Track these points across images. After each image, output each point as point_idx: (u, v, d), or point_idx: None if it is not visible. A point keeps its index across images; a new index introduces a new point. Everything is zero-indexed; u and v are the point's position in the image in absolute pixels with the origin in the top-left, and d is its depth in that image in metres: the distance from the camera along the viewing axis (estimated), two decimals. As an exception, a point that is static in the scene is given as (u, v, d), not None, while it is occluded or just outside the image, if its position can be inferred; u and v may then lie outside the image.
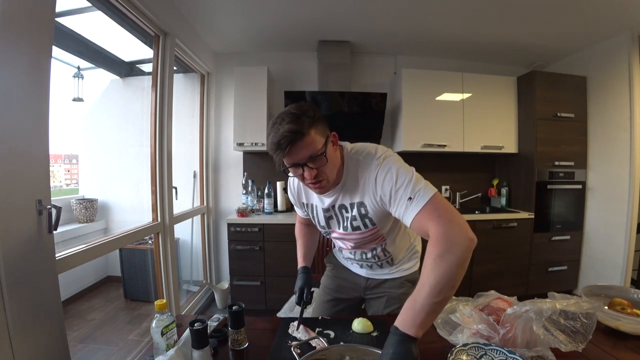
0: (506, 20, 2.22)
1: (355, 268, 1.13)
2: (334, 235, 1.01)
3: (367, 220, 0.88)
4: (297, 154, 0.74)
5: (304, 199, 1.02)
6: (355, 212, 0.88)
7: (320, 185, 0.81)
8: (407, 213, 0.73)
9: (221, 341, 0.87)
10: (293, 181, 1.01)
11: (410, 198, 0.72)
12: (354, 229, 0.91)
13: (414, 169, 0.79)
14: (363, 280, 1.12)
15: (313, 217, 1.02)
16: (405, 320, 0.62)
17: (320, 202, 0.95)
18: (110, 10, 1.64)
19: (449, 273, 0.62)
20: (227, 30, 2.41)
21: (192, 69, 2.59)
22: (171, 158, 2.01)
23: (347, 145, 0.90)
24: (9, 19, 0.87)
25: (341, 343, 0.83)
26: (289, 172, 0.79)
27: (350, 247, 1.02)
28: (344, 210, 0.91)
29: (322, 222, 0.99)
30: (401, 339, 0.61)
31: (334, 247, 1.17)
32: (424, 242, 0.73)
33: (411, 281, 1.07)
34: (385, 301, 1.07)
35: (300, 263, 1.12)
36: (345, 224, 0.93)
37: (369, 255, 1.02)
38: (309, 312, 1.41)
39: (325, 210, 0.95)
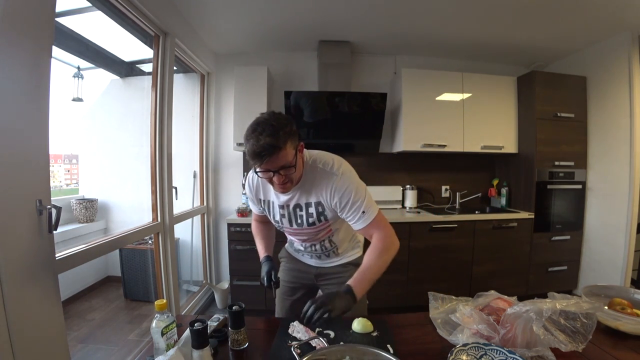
0: (506, 21, 2.22)
1: (306, 258, 1.22)
2: (286, 230, 1.11)
3: (322, 217, 1.02)
4: (272, 164, 0.84)
5: (261, 195, 1.10)
6: (312, 209, 1.01)
7: (285, 187, 0.92)
8: (359, 221, 0.95)
9: (221, 341, 0.87)
10: (252, 178, 1.09)
11: (364, 212, 0.95)
12: (310, 224, 1.03)
13: (365, 186, 0.98)
14: (314, 269, 1.21)
15: (269, 212, 1.10)
16: (357, 284, 0.89)
17: (277, 198, 1.04)
18: (110, 10, 1.64)
19: (386, 262, 0.94)
20: (227, 30, 2.41)
21: (192, 69, 2.59)
22: (171, 158, 2.01)
23: (306, 152, 1.01)
24: (9, 19, 0.87)
25: (341, 343, 0.83)
26: (260, 174, 0.90)
27: (301, 240, 1.13)
28: (298, 209, 1.03)
29: (277, 217, 1.08)
30: (349, 290, 0.87)
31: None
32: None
33: (354, 264, 1.16)
34: (338, 285, 1.12)
35: (263, 253, 1.19)
36: (299, 221, 1.04)
37: (317, 247, 1.13)
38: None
39: (280, 207, 1.05)
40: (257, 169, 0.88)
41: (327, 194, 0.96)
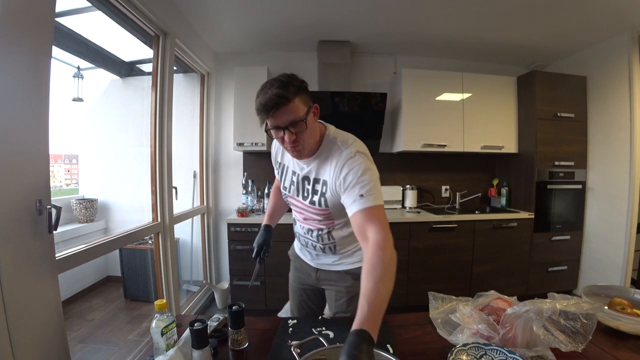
0: (506, 20, 2.22)
1: (305, 254, 1.18)
2: (290, 199, 1.07)
3: (322, 199, 0.94)
4: (280, 118, 0.81)
5: (279, 157, 1.09)
6: (318, 187, 0.95)
7: (297, 149, 0.87)
8: (353, 205, 0.82)
9: (221, 341, 0.87)
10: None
11: (362, 195, 0.81)
12: (311, 202, 0.98)
13: (378, 176, 0.88)
14: (314, 271, 1.16)
15: (281, 177, 1.08)
16: (369, 323, 0.61)
17: (291, 164, 1.03)
18: (110, 10, 1.64)
19: (393, 280, 0.71)
20: (227, 30, 2.41)
21: (192, 69, 2.59)
22: (171, 158, 2.01)
23: (331, 128, 0.97)
24: (9, 19, 0.87)
25: (338, 344, 0.83)
26: (271, 133, 0.87)
27: (302, 220, 1.08)
28: (306, 182, 0.99)
29: (287, 183, 1.05)
30: (366, 342, 0.58)
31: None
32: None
33: (354, 275, 1.06)
34: (335, 294, 1.11)
35: (265, 221, 1.19)
36: (304, 194, 1.00)
37: (315, 234, 1.05)
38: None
39: (293, 173, 1.02)
40: (268, 127, 0.85)
41: (334, 172, 0.89)
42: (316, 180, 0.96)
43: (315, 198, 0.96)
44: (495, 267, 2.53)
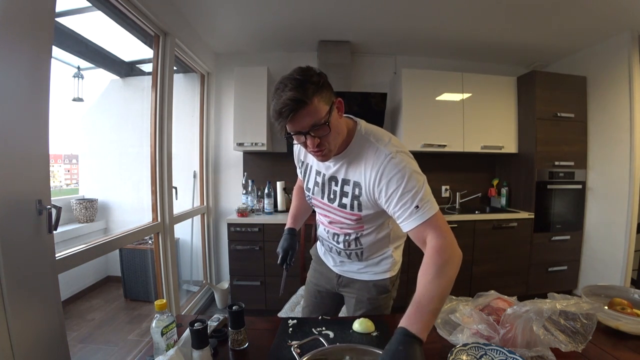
0: (506, 21, 2.22)
1: (328, 259, 1.13)
2: (314, 201, 0.99)
3: (356, 203, 0.86)
4: (300, 123, 0.72)
5: (302, 156, 1.02)
6: (348, 188, 0.86)
7: (322, 153, 0.79)
8: (410, 219, 0.74)
9: (221, 341, 0.87)
10: None
11: (417, 207, 0.73)
12: (340, 205, 0.89)
13: (425, 177, 0.79)
14: (335, 277, 1.11)
15: (304, 177, 1.00)
16: (413, 322, 0.61)
17: (315, 164, 0.95)
18: (110, 10, 1.64)
19: (451, 282, 0.68)
20: (227, 30, 2.41)
21: (192, 69, 2.59)
22: (171, 158, 2.01)
23: (362, 123, 0.89)
24: (9, 19, 0.87)
25: (337, 344, 0.83)
26: (292, 140, 0.78)
27: (327, 222, 0.99)
28: (333, 183, 0.90)
29: (310, 184, 0.97)
30: (410, 340, 0.59)
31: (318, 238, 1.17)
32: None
33: (379, 287, 1.02)
34: (355, 303, 1.06)
35: (289, 224, 1.12)
36: (331, 196, 0.91)
37: (341, 238, 0.97)
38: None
39: (318, 173, 0.94)
40: (287, 133, 0.75)
41: (371, 175, 0.79)
42: (345, 182, 0.87)
43: (346, 201, 0.88)
44: (495, 267, 2.53)
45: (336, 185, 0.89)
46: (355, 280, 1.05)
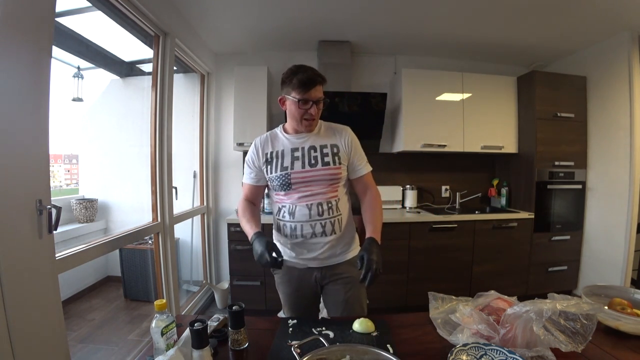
0: (506, 21, 2.22)
1: (304, 254, 1.14)
2: (294, 176, 1.09)
3: (337, 158, 1.12)
4: (316, 93, 1.04)
5: (269, 148, 1.15)
6: (327, 150, 1.12)
7: (314, 123, 1.11)
8: (363, 168, 1.18)
9: (221, 341, 0.87)
10: (261, 137, 1.19)
11: (366, 161, 1.20)
12: (324, 164, 1.11)
13: None
14: (316, 271, 1.15)
15: (275, 165, 1.12)
16: (373, 233, 1.07)
17: (289, 144, 1.14)
18: (110, 10, 1.64)
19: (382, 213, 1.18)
20: (227, 30, 2.41)
21: (192, 69, 2.59)
22: (171, 158, 2.01)
23: None
24: (9, 19, 0.87)
25: (337, 344, 0.83)
26: (300, 104, 1.04)
27: (310, 197, 1.09)
28: (312, 150, 1.12)
29: (287, 163, 1.11)
30: (375, 242, 1.04)
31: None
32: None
33: (354, 263, 1.07)
34: (344, 285, 1.14)
35: (253, 230, 1.05)
36: (312, 162, 1.11)
37: (324, 206, 1.10)
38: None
39: (294, 150, 1.12)
40: (301, 97, 1.02)
41: (344, 138, 1.15)
42: (323, 146, 1.12)
43: (328, 159, 1.11)
44: (495, 267, 2.53)
45: (315, 151, 1.12)
46: (341, 264, 1.16)
